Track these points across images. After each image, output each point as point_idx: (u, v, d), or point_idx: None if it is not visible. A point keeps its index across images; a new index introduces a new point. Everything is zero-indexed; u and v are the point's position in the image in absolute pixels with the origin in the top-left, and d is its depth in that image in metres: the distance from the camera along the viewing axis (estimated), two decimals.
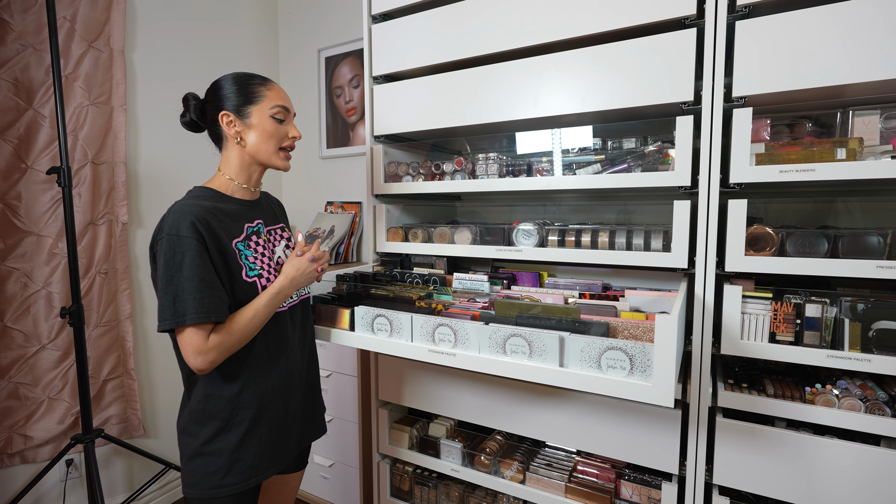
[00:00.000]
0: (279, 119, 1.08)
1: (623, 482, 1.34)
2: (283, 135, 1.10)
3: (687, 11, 1.13)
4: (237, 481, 1.03)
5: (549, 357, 0.99)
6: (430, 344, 1.14)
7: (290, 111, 1.12)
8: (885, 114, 1.05)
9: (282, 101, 1.09)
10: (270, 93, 1.08)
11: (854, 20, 0.99)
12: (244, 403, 1.04)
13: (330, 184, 2.56)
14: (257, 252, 1.09)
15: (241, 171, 1.10)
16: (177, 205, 0.99)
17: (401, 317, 1.17)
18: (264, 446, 1.07)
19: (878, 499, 1.03)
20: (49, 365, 1.76)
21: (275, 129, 1.08)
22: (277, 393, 1.11)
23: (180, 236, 0.94)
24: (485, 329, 1.06)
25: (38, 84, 1.69)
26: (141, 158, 2.02)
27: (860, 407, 1.04)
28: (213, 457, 1.02)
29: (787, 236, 1.09)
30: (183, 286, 0.93)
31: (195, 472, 1.02)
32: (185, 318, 0.92)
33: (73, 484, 1.86)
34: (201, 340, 0.94)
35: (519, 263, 1.77)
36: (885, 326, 1.01)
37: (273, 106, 1.07)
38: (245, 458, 1.04)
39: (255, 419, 1.05)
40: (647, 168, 1.26)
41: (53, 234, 1.73)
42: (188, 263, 0.93)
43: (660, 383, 0.87)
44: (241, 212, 1.10)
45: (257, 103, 1.06)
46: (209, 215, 1.00)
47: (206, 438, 1.02)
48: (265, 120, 1.07)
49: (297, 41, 2.61)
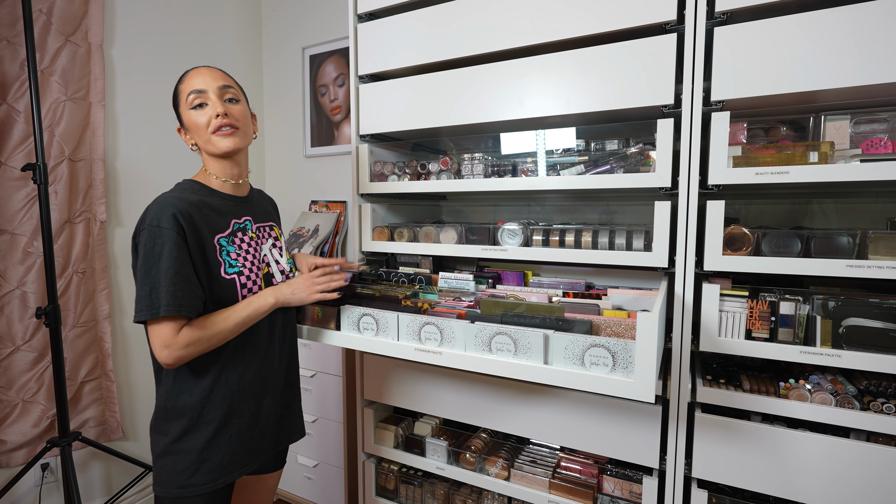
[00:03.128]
0: (197, 105, 1.03)
1: (605, 477, 1.36)
2: (207, 119, 1.03)
3: (667, 17, 1.16)
4: (205, 481, 1.01)
5: (533, 355, 1.01)
6: (417, 343, 1.15)
7: (208, 89, 1.03)
8: (854, 119, 1.10)
9: (193, 86, 1.03)
10: (183, 85, 1.04)
11: (825, 29, 1.03)
12: (214, 402, 1.02)
13: (314, 183, 2.54)
14: (241, 249, 1.08)
15: (213, 167, 1.09)
16: (162, 196, 0.98)
17: (387, 316, 1.18)
18: (234, 447, 1.05)
19: (848, 488, 1.07)
20: (24, 367, 1.71)
21: (196, 117, 1.03)
22: (250, 393, 1.08)
23: (161, 227, 0.93)
24: (471, 328, 1.07)
25: (13, 78, 1.64)
26: (120, 155, 1.98)
27: (831, 401, 1.08)
28: (181, 456, 1.00)
29: (763, 236, 1.12)
30: (160, 278, 0.92)
31: (163, 471, 1.01)
32: (160, 310, 0.91)
33: (48, 489, 1.81)
34: (170, 334, 0.93)
35: (504, 263, 1.78)
36: (854, 323, 1.05)
37: (187, 97, 1.03)
38: (213, 458, 1.02)
39: (224, 419, 1.03)
40: (629, 169, 1.29)
41: (28, 232, 1.69)
42: (166, 255, 0.92)
43: (641, 379, 0.89)
44: (228, 207, 1.09)
45: (180, 104, 1.06)
46: (193, 209, 0.99)
47: (174, 437, 1.01)
48: (188, 114, 1.04)
49: (281, 38, 2.59)
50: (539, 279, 1.57)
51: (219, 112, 1.02)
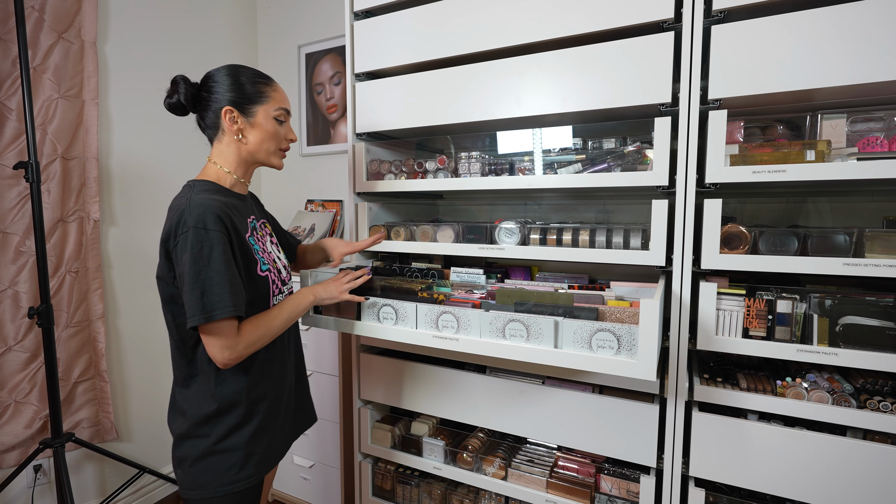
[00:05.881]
0: (281, 121, 1.10)
1: (603, 476, 1.36)
2: (283, 136, 1.12)
3: (665, 15, 1.15)
4: (253, 473, 1.05)
5: (545, 339, 1.07)
6: (434, 330, 1.20)
7: (290, 113, 1.13)
8: (850, 117, 1.10)
9: (284, 104, 1.11)
10: (276, 94, 1.09)
11: (822, 28, 1.03)
12: (258, 396, 1.06)
13: (310, 182, 2.53)
14: (261, 246, 1.10)
15: (239, 165, 1.09)
16: (195, 198, 0.96)
17: (406, 305, 1.24)
18: (272, 438, 1.11)
19: (845, 486, 1.07)
20: (16, 367, 1.69)
21: (276, 130, 1.09)
22: (279, 385, 1.13)
23: (208, 230, 0.93)
24: (486, 315, 1.13)
25: (5, 75, 1.63)
26: (114, 154, 1.96)
27: (828, 399, 1.09)
28: (227, 453, 1.02)
29: (760, 235, 1.12)
30: (212, 280, 0.92)
31: (206, 473, 1.01)
32: (214, 312, 0.91)
33: (41, 490, 1.79)
34: (231, 335, 0.95)
35: (502, 262, 1.78)
36: (851, 321, 1.05)
37: (277, 108, 1.09)
38: (258, 450, 1.06)
39: (268, 412, 1.08)
40: (627, 168, 1.28)
41: (20, 231, 1.67)
42: (217, 257, 0.92)
43: (645, 361, 0.96)
44: (242, 207, 1.10)
45: (263, 103, 1.06)
46: (227, 209, 0.99)
47: (219, 436, 1.02)
48: (269, 121, 1.07)
49: (277, 36, 2.57)
50: (545, 274, 1.62)
51: (293, 139, 1.15)
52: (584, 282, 1.50)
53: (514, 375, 1.44)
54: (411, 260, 1.75)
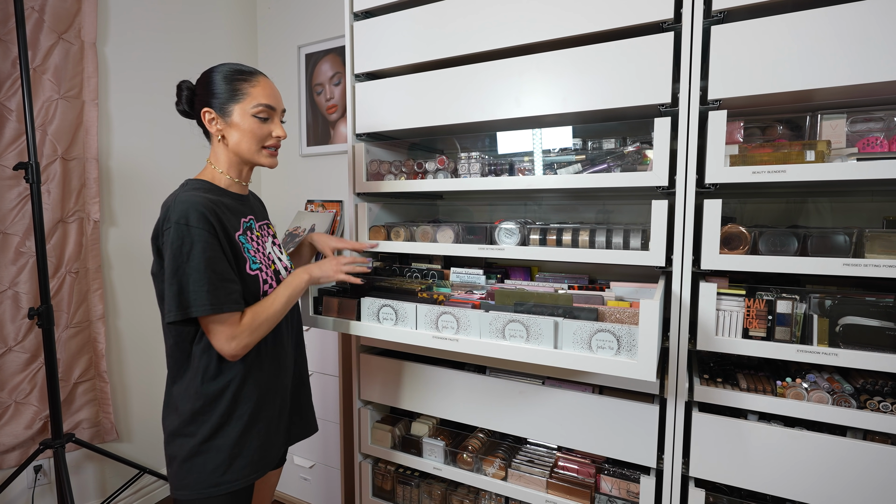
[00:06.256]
0: (262, 118, 1.06)
1: (603, 477, 1.36)
2: (266, 134, 1.08)
3: (665, 15, 1.15)
4: (237, 477, 1.02)
5: (544, 340, 1.07)
6: (434, 331, 1.20)
7: (277, 108, 1.09)
8: (850, 118, 1.10)
9: (266, 100, 1.06)
10: (254, 90, 1.05)
11: (822, 28, 1.03)
12: (245, 396, 1.04)
13: (310, 182, 2.53)
14: (254, 246, 1.09)
15: (231, 166, 1.09)
16: (183, 195, 0.96)
17: (406, 306, 1.23)
18: (263, 441, 1.07)
19: (845, 486, 1.07)
20: (16, 368, 1.70)
21: (256, 128, 1.06)
22: (273, 387, 1.10)
23: (189, 226, 0.92)
24: (485, 316, 1.14)
25: (5, 76, 1.63)
26: (114, 154, 1.96)
27: (828, 399, 1.09)
28: (212, 454, 1.00)
29: (760, 235, 1.12)
30: (190, 277, 0.91)
31: (191, 473, 1.00)
32: (190, 309, 0.91)
33: (41, 491, 1.79)
34: (234, 324, 0.95)
35: (502, 262, 1.78)
36: (851, 322, 1.05)
37: (255, 105, 1.05)
38: (245, 453, 1.03)
39: (254, 413, 1.04)
40: (627, 168, 1.28)
41: (21, 232, 1.67)
42: (196, 254, 0.92)
43: (645, 361, 0.96)
44: (237, 206, 1.09)
45: (240, 101, 1.04)
46: (216, 207, 0.99)
47: (204, 436, 1.00)
48: (246, 119, 1.04)
49: (277, 37, 2.57)
50: (544, 274, 1.62)
51: (280, 135, 1.10)
52: (583, 282, 1.50)
53: (513, 376, 1.44)
54: (411, 260, 1.75)
